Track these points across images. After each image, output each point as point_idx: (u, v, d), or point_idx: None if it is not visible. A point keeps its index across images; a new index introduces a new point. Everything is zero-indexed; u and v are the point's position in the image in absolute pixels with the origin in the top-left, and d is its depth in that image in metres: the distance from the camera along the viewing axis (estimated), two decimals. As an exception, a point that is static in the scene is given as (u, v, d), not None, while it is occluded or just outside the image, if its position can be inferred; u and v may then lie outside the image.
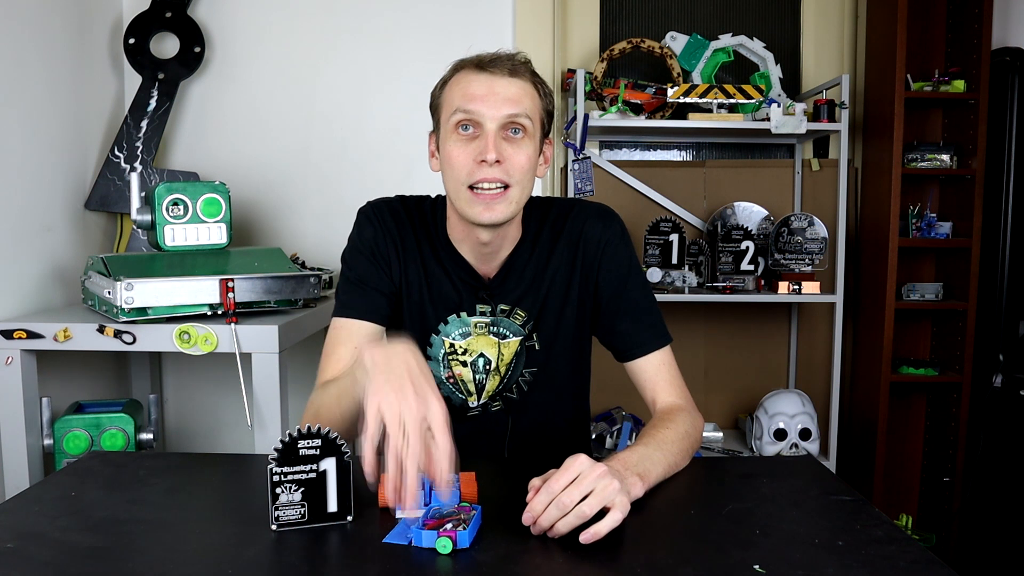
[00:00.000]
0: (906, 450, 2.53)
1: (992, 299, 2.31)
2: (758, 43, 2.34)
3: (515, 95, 1.10)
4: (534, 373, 1.25)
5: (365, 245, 1.21)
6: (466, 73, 1.12)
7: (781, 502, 0.97)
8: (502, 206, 1.11)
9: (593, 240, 1.23)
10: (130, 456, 1.16)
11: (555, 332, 1.24)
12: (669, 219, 2.27)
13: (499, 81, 1.10)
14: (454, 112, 1.10)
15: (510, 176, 1.10)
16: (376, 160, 2.32)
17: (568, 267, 1.23)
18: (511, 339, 1.23)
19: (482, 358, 1.23)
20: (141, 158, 2.08)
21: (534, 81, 1.14)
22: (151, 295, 1.58)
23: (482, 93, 1.09)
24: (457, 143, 1.11)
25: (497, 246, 1.19)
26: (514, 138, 1.11)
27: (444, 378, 1.24)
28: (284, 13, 2.29)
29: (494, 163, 1.08)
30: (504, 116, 1.09)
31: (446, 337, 1.23)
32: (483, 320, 1.22)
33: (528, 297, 1.22)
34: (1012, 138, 2.27)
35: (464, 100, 1.10)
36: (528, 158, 1.12)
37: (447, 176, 1.14)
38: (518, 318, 1.23)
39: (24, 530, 0.87)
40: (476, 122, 1.10)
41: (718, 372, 2.55)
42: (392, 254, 1.21)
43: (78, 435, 1.63)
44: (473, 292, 1.22)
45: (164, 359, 2.36)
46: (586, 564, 0.79)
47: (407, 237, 1.21)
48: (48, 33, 1.88)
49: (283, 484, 0.85)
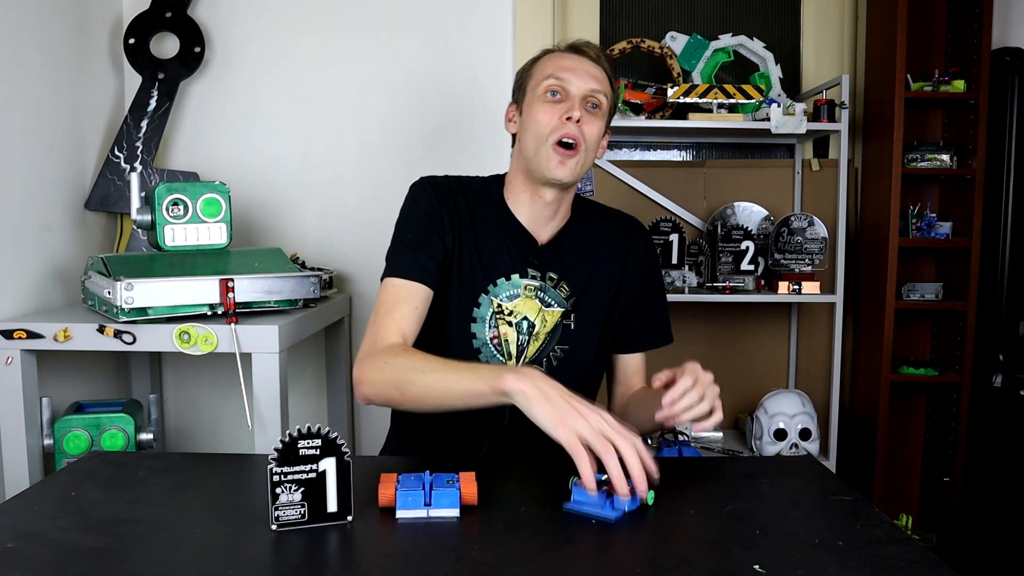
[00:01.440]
0: (906, 450, 2.53)
1: (992, 299, 2.31)
2: (758, 43, 2.34)
3: (599, 75, 1.27)
4: (565, 351, 1.33)
5: (421, 211, 1.30)
6: (558, 53, 1.30)
7: (781, 502, 0.97)
8: (572, 163, 1.24)
9: (640, 250, 1.38)
10: (130, 456, 1.16)
11: (591, 316, 1.34)
12: (669, 219, 2.27)
13: (586, 62, 1.28)
14: (546, 78, 1.26)
15: (585, 138, 1.24)
16: (376, 160, 2.32)
17: (614, 263, 1.36)
18: (554, 308, 1.32)
19: (526, 321, 1.31)
20: (141, 158, 2.08)
21: (610, 74, 1.30)
22: (151, 295, 1.58)
23: (573, 66, 1.26)
24: (545, 104, 1.25)
25: (554, 210, 1.32)
26: (592, 112, 1.26)
27: (489, 338, 1.30)
28: (284, 13, 2.28)
29: (576, 121, 1.22)
30: (588, 88, 1.25)
31: (495, 298, 1.30)
32: (532, 284, 1.31)
33: (575, 273, 1.33)
34: (1012, 138, 2.27)
35: (556, 70, 1.26)
36: (600, 129, 1.27)
37: (529, 133, 1.26)
38: (563, 291, 1.32)
39: (24, 530, 0.87)
40: (564, 89, 1.25)
41: (718, 372, 2.50)
42: (446, 220, 1.29)
43: (78, 435, 1.63)
44: (525, 256, 1.31)
45: (164, 359, 2.36)
46: (586, 564, 0.79)
47: (460, 205, 1.31)
48: (48, 33, 1.88)
49: (283, 484, 0.85)
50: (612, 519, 0.89)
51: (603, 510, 0.91)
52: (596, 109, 1.26)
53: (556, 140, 1.23)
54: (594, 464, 0.90)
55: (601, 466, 0.91)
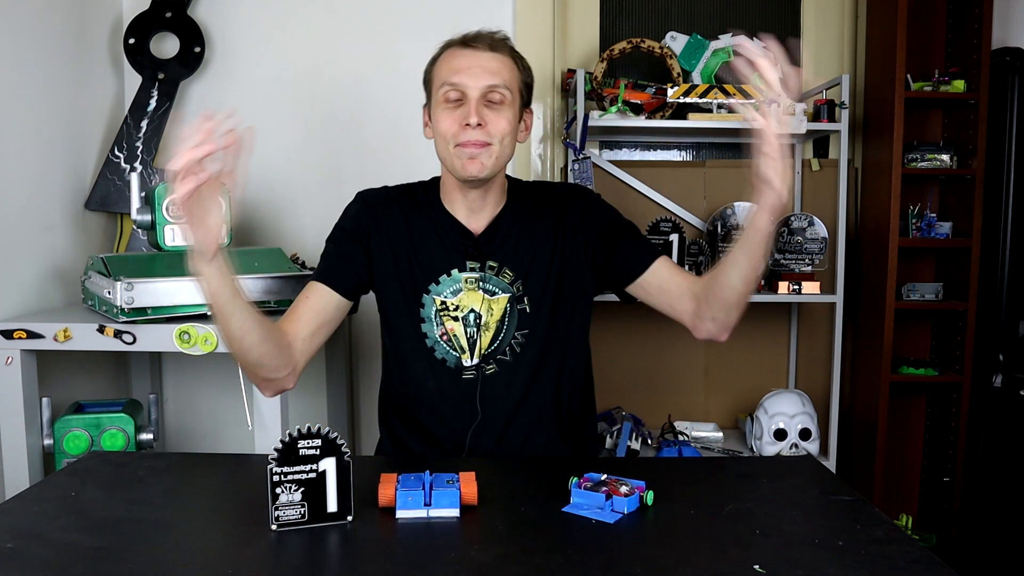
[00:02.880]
0: (906, 450, 2.53)
1: (992, 299, 2.31)
2: (758, 43, 2.34)
3: (495, 68, 1.26)
4: (525, 335, 1.33)
5: (346, 223, 1.37)
6: (453, 50, 1.30)
7: (781, 502, 0.97)
8: (484, 158, 1.25)
9: (578, 209, 1.36)
10: (130, 456, 1.16)
11: (543, 294, 1.33)
12: (669, 219, 2.27)
13: (481, 55, 1.27)
14: (442, 85, 1.27)
15: (491, 136, 1.25)
16: (376, 160, 2.32)
17: (553, 233, 1.35)
18: (499, 295, 1.33)
19: (472, 313, 1.32)
20: (141, 158, 2.08)
21: (512, 56, 1.30)
22: (151, 295, 1.58)
23: (466, 66, 1.26)
24: (445, 110, 1.27)
25: (483, 201, 1.33)
26: (494, 105, 1.26)
27: (438, 336, 1.33)
28: (284, 13, 2.28)
29: (476, 126, 1.23)
30: (485, 86, 1.25)
31: (437, 296, 1.33)
32: (472, 276, 1.32)
33: (515, 257, 1.33)
34: (1012, 138, 2.27)
35: (450, 73, 1.27)
36: (508, 122, 1.26)
37: (438, 140, 1.29)
38: (506, 276, 1.33)
39: (24, 530, 0.87)
40: (461, 91, 1.26)
41: (718, 372, 2.55)
42: (372, 228, 1.35)
43: (78, 435, 1.63)
44: (463, 249, 1.33)
45: (164, 359, 2.36)
46: (586, 564, 0.79)
47: (394, 212, 1.36)
48: (48, 33, 1.88)
49: (283, 484, 0.85)
50: (611, 523, 0.89)
51: (602, 513, 0.91)
52: (499, 102, 1.26)
53: (459, 143, 1.25)
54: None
55: (599, 467, 0.91)
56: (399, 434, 1.39)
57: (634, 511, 0.92)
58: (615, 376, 2.44)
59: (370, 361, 2.36)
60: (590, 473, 0.97)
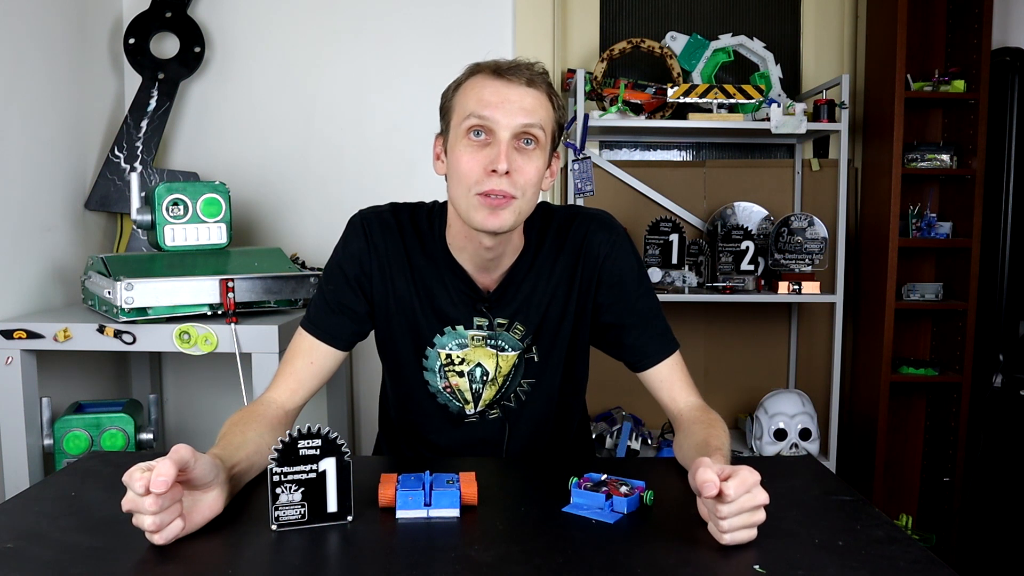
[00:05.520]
0: (906, 450, 2.53)
1: (992, 299, 2.31)
2: (758, 43, 2.34)
3: (531, 105, 1.08)
4: (532, 384, 1.25)
5: (349, 261, 1.20)
6: (482, 78, 1.10)
7: (781, 502, 0.97)
8: (507, 213, 1.07)
9: (593, 253, 1.21)
10: (130, 456, 1.16)
11: (553, 344, 1.23)
12: (669, 219, 2.27)
13: (516, 90, 1.08)
14: (467, 117, 1.08)
15: (518, 188, 1.07)
16: (376, 160, 2.32)
17: (568, 281, 1.21)
18: (509, 352, 1.22)
19: (479, 368, 1.22)
20: (141, 158, 2.08)
21: (549, 93, 1.11)
22: (151, 295, 1.58)
23: (498, 100, 1.07)
24: (468, 149, 1.08)
25: (499, 253, 1.16)
26: (526, 148, 1.08)
27: (441, 388, 1.24)
28: (284, 13, 2.29)
29: (504, 174, 1.05)
30: (519, 125, 1.07)
31: (442, 349, 1.21)
32: (480, 334, 1.21)
33: (527, 311, 1.20)
34: (1012, 138, 2.27)
35: (479, 106, 1.07)
36: (537, 170, 1.09)
37: (454, 181, 1.11)
38: (517, 332, 1.21)
39: (24, 530, 0.87)
40: (489, 129, 1.07)
41: (718, 372, 2.55)
42: (375, 269, 1.19)
43: (78, 435, 1.63)
44: (471, 306, 1.20)
45: (164, 359, 2.36)
46: (586, 564, 0.79)
47: (396, 250, 1.19)
48: (48, 33, 1.88)
49: (283, 484, 0.85)
50: (611, 523, 0.89)
51: (602, 513, 0.91)
52: (531, 145, 1.08)
53: (481, 192, 1.07)
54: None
55: (599, 467, 0.91)
56: (393, 433, 1.38)
57: (634, 511, 0.92)
58: (615, 376, 2.43)
59: (370, 361, 2.36)
60: (590, 473, 0.97)
